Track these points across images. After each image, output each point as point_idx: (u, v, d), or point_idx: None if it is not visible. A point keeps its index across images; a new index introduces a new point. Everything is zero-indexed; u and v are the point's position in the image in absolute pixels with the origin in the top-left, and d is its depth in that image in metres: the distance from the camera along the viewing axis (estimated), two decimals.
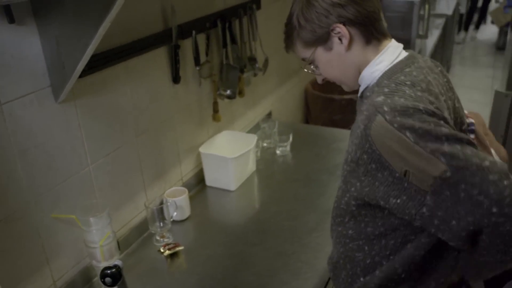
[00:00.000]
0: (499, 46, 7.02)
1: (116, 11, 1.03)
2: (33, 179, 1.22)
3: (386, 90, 0.96)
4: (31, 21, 1.15)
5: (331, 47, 1.07)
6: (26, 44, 1.15)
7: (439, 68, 1.16)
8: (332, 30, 1.03)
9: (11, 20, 1.08)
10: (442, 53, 4.90)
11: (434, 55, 4.00)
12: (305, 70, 1.18)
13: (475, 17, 7.57)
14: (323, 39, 1.06)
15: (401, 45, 1.09)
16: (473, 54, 7.13)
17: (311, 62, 1.14)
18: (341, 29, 1.03)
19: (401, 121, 0.88)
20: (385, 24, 1.08)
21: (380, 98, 0.94)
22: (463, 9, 6.84)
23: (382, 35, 1.06)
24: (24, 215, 1.21)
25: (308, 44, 1.09)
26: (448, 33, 5.01)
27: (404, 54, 1.07)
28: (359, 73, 1.09)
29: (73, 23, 1.11)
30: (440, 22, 4.61)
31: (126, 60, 1.46)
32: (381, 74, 1.04)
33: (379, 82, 1.02)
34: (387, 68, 1.04)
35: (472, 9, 7.24)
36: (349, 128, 1.21)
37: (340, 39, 1.04)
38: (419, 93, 0.94)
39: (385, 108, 0.91)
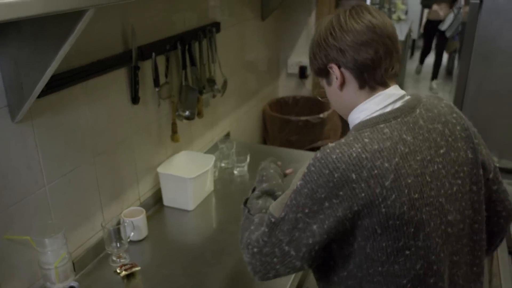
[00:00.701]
0: (449, 71, 7.36)
1: (77, 35, 1.04)
2: None
3: (343, 140, 0.99)
4: None
5: (330, 82, 1.11)
6: None
7: (454, 115, 1.12)
8: (330, 68, 1.08)
9: None
10: None
11: None
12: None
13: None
14: (324, 74, 1.11)
15: (396, 94, 1.06)
16: (424, 78, 7.43)
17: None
18: (335, 70, 1.07)
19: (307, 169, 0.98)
20: (393, 70, 1.08)
21: (332, 144, 0.99)
22: (414, 35, 7.14)
23: (377, 83, 1.06)
24: None
25: (316, 73, 1.15)
26: (401, 58, 5.21)
27: (399, 104, 1.05)
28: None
29: (33, 45, 1.12)
30: None
31: (86, 81, 1.47)
32: (358, 122, 1.06)
33: (351, 130, 1.05)
34: (367, 117, 1.05)
35: (427, 44, 7.44)
36: (305, 149, 1.26)
37: (336, 78, 1.08)
38: (358, 161, 0.93)
39: (322, 151, 0.98)
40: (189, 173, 1.85)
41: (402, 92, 1.09)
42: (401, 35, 5.23)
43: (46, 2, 0.83)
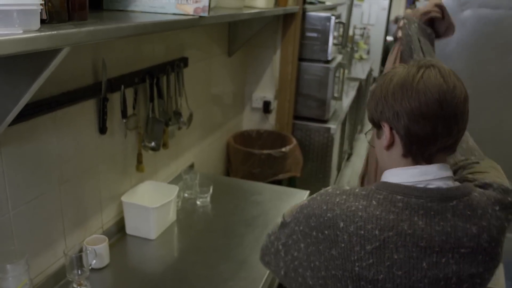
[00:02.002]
0: None
1: (51, 70, 1.10)
2: None
3: (357, 190, 1.01)
4: None
5: (380, 136, 1.09)
6: None
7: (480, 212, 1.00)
8: (383, 125, 1.04)
9: None
10: (356, 113, 5.27)
11: (349, 115, 4.32)
12: None
13: None
14: (376, 126, 1.09)
15: (436, 173, 1.00)
16: None
17: None
18: (386, 130, 1.04)
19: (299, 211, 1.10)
20: (448, 148, 1.02)
21: (348, 188, 1.03)
22: (375, 73, 7.41)
23: (421, 158, 1.01)
24: None
25: (370, 121, 1.12)
26: (362, 95, 5.41)
27: (435, 185, 0.99)
28: None
29: (4, 78, 1.17)
30: (355, 84, 5.00)
31: (55, 111, 1.52)
32: (385, 181, 1.05)
33: (376, 183, 1.04)
34: (394, 182, 1.02)
35: None
36: (267, 181, 1.39)
37: (385, 137, 1.05)
38: (352, 216, 0.96)
39: (334, 189, 1.06)
40: (153, 202, 1.89)
41: (447, 173, 1.01)
42: (363, 74, 5.45)
43: (27, 41, 0.90)
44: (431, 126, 0.96)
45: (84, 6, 1.20)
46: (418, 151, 1.00)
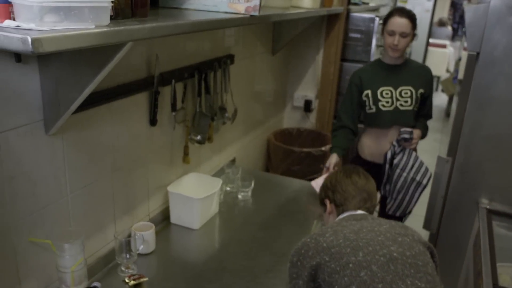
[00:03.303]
0: (448, 113, 7.53)
1: (115, 63, 1.18)
2: (16, 204, 1.32)
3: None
4: (34, 61, 1.29)
5: (325, 209, 1.73)
6: (27, 81, 1.28)
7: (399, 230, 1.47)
8: (325, 201, 1.72)
9: (18, 60, 1.22)
10: None
11: None
12: None
13: None
14: (322, 203, 1.75)
15: (352, 213, 1.60)
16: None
17: None
18: (327, 204, 1.70)
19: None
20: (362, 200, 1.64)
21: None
22: None
23: (348, 209, 1.62)
24: (3, 237, 1.31)
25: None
26: None
27: (349, 214, 1.61)
28: None
29: (71, 69, 1.25)
30: None
31: (111, 102, 1.60)
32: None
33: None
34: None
35: None
36: (306, 179, 1.51)
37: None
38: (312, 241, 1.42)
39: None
40: (197, 194, 1.96)
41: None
42: None
43: (99, 35, 0.97)
44: (351, 188, 1.67)
45: (146, 3, 1.28)
46: (346, 207, 1.67)
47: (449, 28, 9.15)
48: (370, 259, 1.32)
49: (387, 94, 2.47)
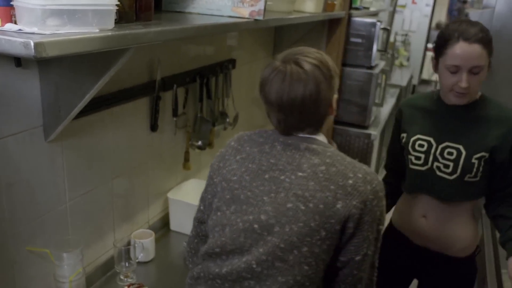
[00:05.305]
0: None
1: (117, 68, 1.15)
2: (14, 212, 1.28)
3: None
4: (34, 66, 1.25)
5: None
6: (27, 86, 1.24)
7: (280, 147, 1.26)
8: None
9: (18, 64, 1.18)
10: None
11: (388, 122, 4.28)
12: None
13: None
14: None
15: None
16: None
17: None
18: None
19: None
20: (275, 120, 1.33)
21: None
22: (415, 81, 7.31)
23: None
24: (1, 246, 1.27)
25: None
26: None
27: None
28: None
29: (72, 74, 1.22)
30: (395, 91, 4.95)
31: (111, 107, 1.57)
32: None
33: None
34: None
35: None
36: None
37: None
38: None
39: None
40: (197, 200, 1.92)
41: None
42: (402, 81, 5.39)
43: (104, 40, 0.94)
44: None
45: (150, 7, 1.25)
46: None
47: None
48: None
49: (421, 146, 1.66)
